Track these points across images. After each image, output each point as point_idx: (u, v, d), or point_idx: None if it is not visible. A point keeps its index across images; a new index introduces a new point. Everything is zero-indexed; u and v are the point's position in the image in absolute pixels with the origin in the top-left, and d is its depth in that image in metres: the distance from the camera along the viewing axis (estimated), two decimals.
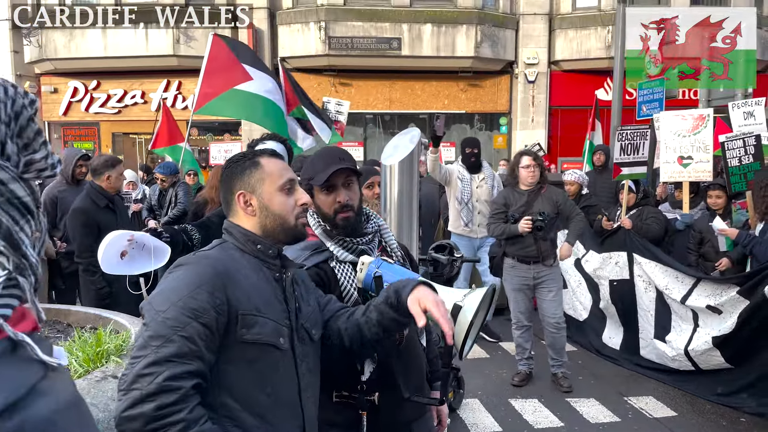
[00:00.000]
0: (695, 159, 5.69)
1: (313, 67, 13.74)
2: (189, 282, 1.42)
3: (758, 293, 3.92)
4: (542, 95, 14.34)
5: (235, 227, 1.61)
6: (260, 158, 1.64)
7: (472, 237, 5.93)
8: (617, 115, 9.15)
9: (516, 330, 5.03)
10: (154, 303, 1.41)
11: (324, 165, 1.99)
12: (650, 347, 4.96)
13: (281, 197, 1.60)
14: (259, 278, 1.55)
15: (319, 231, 1.99)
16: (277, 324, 1.52)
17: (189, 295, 1.39)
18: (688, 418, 4.39)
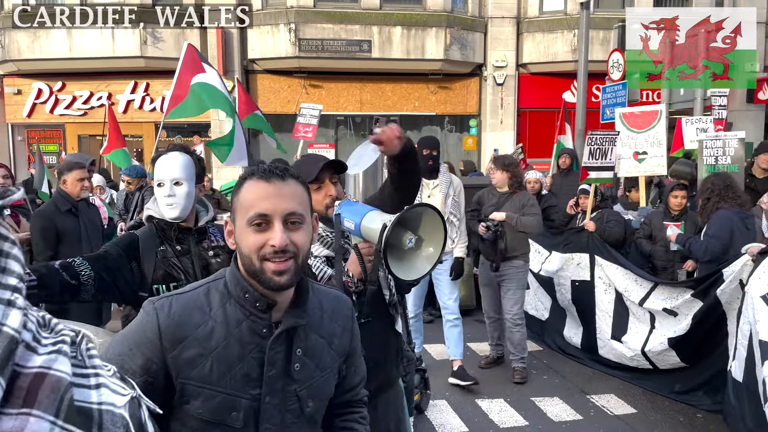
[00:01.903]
0: (650, 154, 5.91)
1: (283, 69, 13.71)
2: (132, 337, 1.31)
3: (711, 295, 4.08)
4: (511, 97, 14.54)
5: (234, 265, 1.37)
6: (250, 178, 1.33)
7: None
8: (582, 118, 9.37)
9: (487, 320, 5.55)
10: (109, 347, 1.33)
11: (311, 163, 2.13)
12: (607, 347, 5.12)
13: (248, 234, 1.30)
14: (229, 335, 1.30)
15: None
16: (230, 397, 1.29)
17: (127, 353, 1.28)
18: (647, 415, 4.54)
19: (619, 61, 9.28)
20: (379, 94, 14.45)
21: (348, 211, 2.01)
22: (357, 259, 1.99)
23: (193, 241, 2.50)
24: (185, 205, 2.44)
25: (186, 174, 2.46)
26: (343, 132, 14.66)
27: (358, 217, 1.96)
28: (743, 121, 15.22)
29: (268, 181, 1.30)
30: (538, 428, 4.37)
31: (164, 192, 2.43)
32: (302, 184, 1.36)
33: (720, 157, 5.28)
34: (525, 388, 5.05)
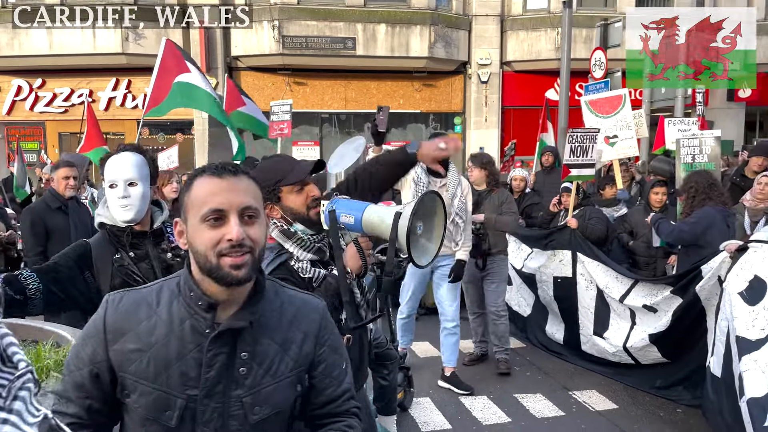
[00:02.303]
0: (620, 137, 5.99)
1: (267, 66, 13.64)
2: (87, 327, 1.35)
3: (690, 291, 4.13)
4: (495, 95, 14.61)
5: (187, 266, 1.35)
6: (200, 176, 1.32)
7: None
8: (564, 116, 9.44)
9: (470, 316, 5.57)
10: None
11: (290, 164, 2.08)
12: (590, 343, 5.16)
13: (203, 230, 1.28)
14: (171, 332, 1.29)
15: (275, 232, 2.01)
16: (165, 395, 1.27)
17: (80, 342, 1.33)
18: (628, 411, 4.59)
19: (601, 59, 9.36)
20: (363, 92, 14.44)
21: (344, 207, 2.00)
22: (356, 253, 2.00)
23: (150, 245, 2.39)
24: (140, 207, 2.33)
25: (140, 174, 2.36)
26: (327, 130, 14.63)
27: (357, 211, 1.98)
28: (724, 119, 15.41)
29: (220, 177, 1.29)
30: (520, 425, 4.40)
31: (118, 193, 2.32)
32: (254, 180, 1.36)
33: (697, 156, 5.35)
34: (508, 384, 5.08)
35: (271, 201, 2.03)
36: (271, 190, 2.01)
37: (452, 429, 4.35)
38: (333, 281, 1.97)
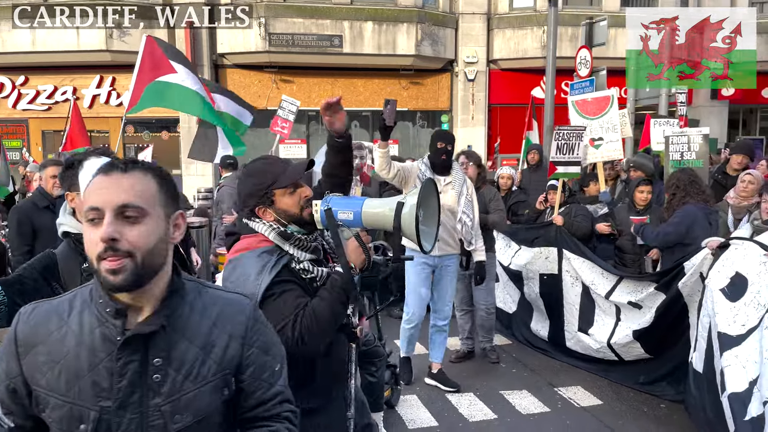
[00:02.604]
0: (606, 139, 6.01)
1: (253, 63, 13.58)
2: (2, 344, 1.30)
3: (673, 288, 4.18)
4: (482, 93, 14.65)
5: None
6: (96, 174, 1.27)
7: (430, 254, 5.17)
8: (550, 114, 9.49)
9: (459, 312, 5.61)
10: None
11: (282, 166, 2.08)
12: (575, 339, 5.20)
13: (86, 231, 1.22)
14: (81, 342, 1.24)
15: (273, 235, 2.01)
16: (78, 407, 1.22)
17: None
18: (612, 406, 4.64)
19: (586, 57, 9.41)
20: (350, 90, 14.41)
21: (340, 204, 2.02)
22: (358, 247, 2.02)
23: None
24: None
25: None
26: (314, 128, 14.59)
27: (355, 207, 2.00)
28: (708, 116, 15.58)
29: (107, 174, 1.22)
30: (506, 421, 4.43)
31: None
32: (156, 177, 1.26)
33: (685, 153, 5.40)
34: (494, 381, 5.11)
35: (264, 204, 2.04)
36: (264, 193, 2.03)
37: (438, 426, 4.37)
38: (338, 278, 1.98)
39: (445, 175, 4.66)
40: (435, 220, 2.09)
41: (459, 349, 5.67)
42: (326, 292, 1.95)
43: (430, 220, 2.08)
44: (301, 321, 1.88)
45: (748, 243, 3.60)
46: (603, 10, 13.93)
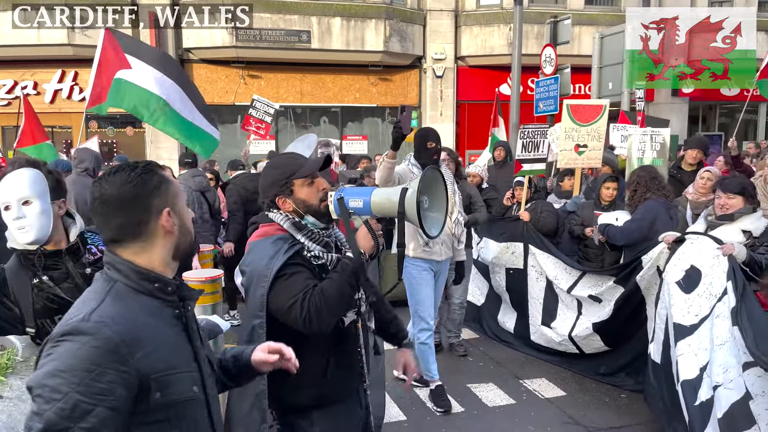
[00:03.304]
0: (589, 147, 6.13)
1: (220, 58, 13.44)
2: (90, 359, 1.20)
3: (631, 281, 4.31)
4: (450, 90, 14.77)
5: (125, 264, 1.36)
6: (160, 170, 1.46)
7: (433, 260, 4.48)
8: (516, 111, 9.63)
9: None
10: (48, 386, 1.17)
11: (302, 160, 2.21)
12: (538, 333, 5.32)
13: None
14: (159, 324, 1.35)
15: (287, 224, 2.12)
16: (189, 373, 1.39)
17: (92, 377, 1.18)
18: (576, 397, 4.76)
19: (551, 55, 9.57)
20: (319, 85, 14.38)
21: (351, 193, 2.12)
22: (368, 234, 2.09)
23: (69, 262, 2.22)
24: (41, 224, 2.15)
25: (35, 191, 2.17)
26: (283, 123, 14.52)
27: (365, 195, 2.09)
28: (669, 113, 15.97)
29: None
30: (473, 414, 4.51)
31: (12, 215, 2.15)
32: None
33: (647, 152, 5.54)
34: (461, 375, 5.19)
35: (284, 194, 2.15)
36: (285, 182, 2.14)
37: (406, 420, 4.43)
38: (349, 262, 2.04)
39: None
40: (443, 206, 2.13)
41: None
42: (336, 275, 2.03)
43: (437, 207, 2.13)
44: (310, 299, 1.96)
45: (702, 237, 3.74)
46: (568, 8, 14.18)
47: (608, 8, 14.71)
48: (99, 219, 1.40)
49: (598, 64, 9.23)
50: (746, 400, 2.94)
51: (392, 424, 4.36)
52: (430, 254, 4.44)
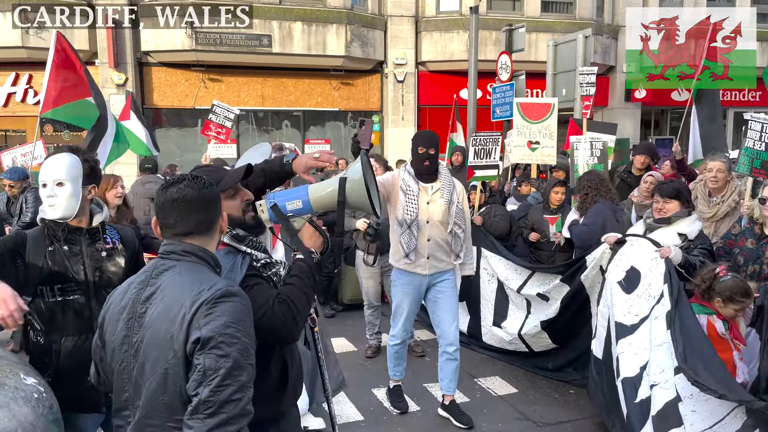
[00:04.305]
0: (542, 144, 6.36)
1: (180, 62, 13.33)
2: (245, 312, 1.64)
3: (576, 280, 4.51)
4: (411, 94, 14.95)
5: (206, 252, 1.75)
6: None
7: (416, 273, 4.23)
8: (473, 117, 9.85)
9: (367, 309, 5.82)
10: (227, 334, 1.54)
11: (221, 173, 2.14)
12: (490, 333, 5.49)
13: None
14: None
15: (227, 238, 2.06)
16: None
17: (248, 325, 1.63)
18: (527, 394, 4.95)
19: (506, 62, 9.82)
20: (281, 89, 14.38)
21: (285, 196, 2.10)
22: (314, 232, 2.12)
23: (84, 242, 2.52)
24: (68, 205, 2.46)
25: (70, 175, 2.50)
26: (245, 127, 14.46)
27: (302, 194, 2.10)
28: (622, 117, 16.50)
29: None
30: (428, 412, 4.64)
31: (46, 192, 2.47)
32: None
33: (588, 158, 5.78)
34: (418, 375, 5.32)
35: None
36: None
37: (364, 420, 4.53)
38: (303, 264, 2.07)
39: (432, 181, 4.16)
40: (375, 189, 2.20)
41: (370, 345, 5.88)
42: (296, 278, 2.04)
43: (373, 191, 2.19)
44: (279, 307, 1.96)
45: (642, 240, 3.95)
46: (525, 16, 14.52)
47: (564, 15, 15.12)
48: (175, 215, 1.70)
49: (552, 71, 9.50)
50: (677, 401, 3.14)
51: (350, 425, 4.47)
52: (412, 267, 4.21)
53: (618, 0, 15.94)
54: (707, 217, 4.78)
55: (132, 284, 1.75)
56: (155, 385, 1.58)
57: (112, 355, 1.71)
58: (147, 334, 1.62)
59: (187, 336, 1.55)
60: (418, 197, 4.09)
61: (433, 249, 4.17)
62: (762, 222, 3.80)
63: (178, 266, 1.69)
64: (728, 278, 3.38)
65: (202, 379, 1.50)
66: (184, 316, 1.56)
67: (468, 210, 4.42)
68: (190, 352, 1.54)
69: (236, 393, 1.51)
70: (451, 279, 4.32)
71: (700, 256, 3.74)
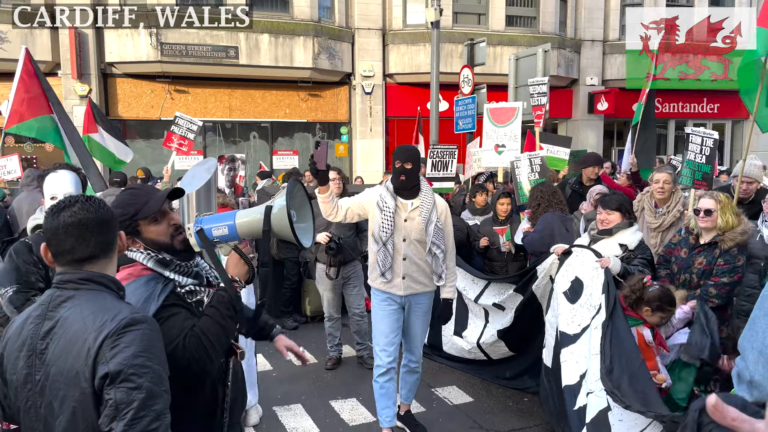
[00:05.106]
0: (507, 147, 6.49)
1: (145, 73, 13.24)
2: (156, 336, 1.62)
3: (528, 290, 4.62)
4: (379, 106, 15.08)
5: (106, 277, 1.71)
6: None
7: (393, 293, 4.07)
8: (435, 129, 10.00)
9: (328, 322, 5.83)
10: (137, 364, 1.51)
11: (146, 196, 2.05)
12: (450, 343, 5.57)
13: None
14: None
15: (152, 263, 1.98)
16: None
17: (159, 351, 1.61)
18: (482, 403, 5.03)
19: (468, 76, 10.00)
20: (248, 101, 14.38)
21: (212, 221, 2.05)
22: (239, 260, 2.06)
23: None
24: None
25: (76, 189, 3.07)
26: (212, 138, 14.41)
27: (228, 220, 2.04)
28: (586, 129, 16.87)
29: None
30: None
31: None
32: None
33: (530, 174, 5.93)
34: None
35: (131, 235, 2.02)
36: (128, 224, 2.00)
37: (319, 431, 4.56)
38: (224, 294, 1.99)
39: (411, 198, 3.98)
40: (309, 216, 2.18)
41: (331, 356, 5.89)
42: (213, 309, 1.96)
43: (304, 217, 2.16)
44: (190, 340, 1.88)
45: (585, 250, 4.07)
46: (490, 29, 14.80)
47: (528, 29, 15.43)
48: (72, 240, 1.62)
49: (514, 84, 9.69)
50: (607, 410, 3.25)
51: None
52: (388, 287, 4.06)
53: (580, 15, 16.35)
54: (654, 227, 4.95)
55: (28, 318, 1.65)
56: (65, 423, 1.53)
57: (16, 394, 1.62)
58: (51, 371, 1.55)
59: (93, 371, 1.50)
60: (394, 214, 3.93)
61: (409, 269, 4.00)
62: (697, 232, 3.96)
63: (77, 296, 1.61)
64: (656, 288, 3.52)
65: (115, 413, 1.47)
66: (88, 351, 1.51)
67: (451, 230, 4.20)
68: (99, 387, 1.50)
69: (153, 422, 1.49)
70: (426, 303, 4.18)
71: (640, 266, 3.88)
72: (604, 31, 16.52)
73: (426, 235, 3.94)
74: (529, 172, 5.89)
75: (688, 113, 17.59)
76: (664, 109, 16.89)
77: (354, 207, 4.04)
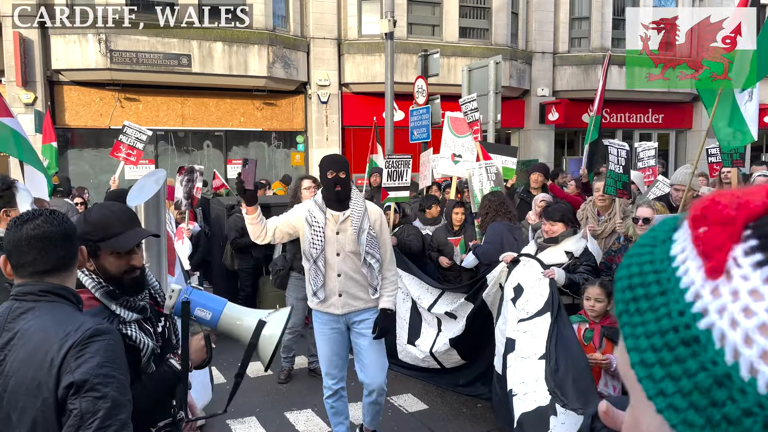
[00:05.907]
0: (463, 158, 6.60)
1: (93, 80, 12.92)
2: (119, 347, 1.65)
3: (479, 298, 4.72)
4: (335, 115, 15.11)
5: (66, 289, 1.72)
6: None
7: (331, 312, 3.87)
8: (391, 138, 10.10)
9: (289, 334, 5.62)
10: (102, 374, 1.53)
11: (120, 228, 1.97)
12: (405, 351, 5.63)
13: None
14: None
15: (100, 294, 1.93)
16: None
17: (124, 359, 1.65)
18: (437, 410, 5.09)
19: (423, 86, 10.14)
20: (202, 109, 14.19)
21: (200, 300, 2.01)
22: (204, 347, 2.06)
23: None
24: None
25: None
26: (163, 147, 14.15)
27: (215, 309, 2.01)
28: (537, 139, 17.29)
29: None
30: None
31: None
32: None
33: (485, 183, 6.06)
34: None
35: (89, 252, 1.92)
36: (90, 244, 1.92)
37: None
38: (169, 370, 1.96)
39: (343, 209, 3.77)
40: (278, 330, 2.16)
41: (284, 368, 5.79)
42: (152, 384, 1.95)
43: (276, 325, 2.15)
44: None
45: (532, 260, 4.19)
46: (443, 41, 15.04)
47: (480, 41, 15.73)
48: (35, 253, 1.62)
49: (467, 94, 9.89)
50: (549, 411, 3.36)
51: None
52: (324, 306, 3.86)
53: (531, 28, 16.78)
54: (597, 234, 5.12)
55: None
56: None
57: None
58: (10, 383, 1.54)
59: (57, 381, 1.50)
60: (324, 228, 3.73)
61: (345, 285, 3.78)
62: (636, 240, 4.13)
63: (38, 308, 1.60)
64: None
65: (80, 423, 1.47)
66: (52, 362, 1.51)
67: (388, 237, 4.03)
68: (63, 397, 1.50)
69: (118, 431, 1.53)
70: (370, 320, 3.88)
71: (585, 273, 4.02)
72: (554, 44, 16.99)
73: (359, 245, 3.74)
74: (485, 180, 6.02)
75: (634, 123, 18.22)
76: (611, 120, 17.45)
77: (282, 226, 3.81)
